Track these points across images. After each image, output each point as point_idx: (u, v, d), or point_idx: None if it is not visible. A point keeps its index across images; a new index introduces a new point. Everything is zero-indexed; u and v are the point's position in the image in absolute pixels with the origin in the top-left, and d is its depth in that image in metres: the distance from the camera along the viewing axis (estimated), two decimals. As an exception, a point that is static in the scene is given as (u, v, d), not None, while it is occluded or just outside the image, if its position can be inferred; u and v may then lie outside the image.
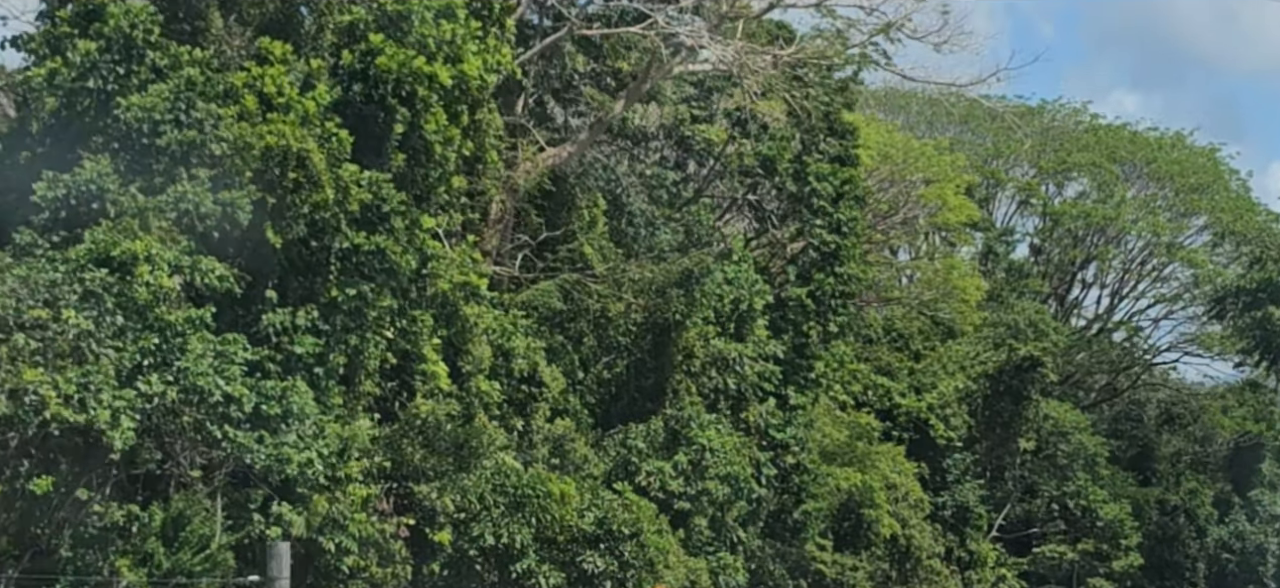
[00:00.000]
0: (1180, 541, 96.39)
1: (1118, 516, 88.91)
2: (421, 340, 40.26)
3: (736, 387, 54.29)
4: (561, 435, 46.24)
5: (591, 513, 41.51)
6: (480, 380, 42.27)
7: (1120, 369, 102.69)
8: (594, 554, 41.23)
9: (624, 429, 51.36)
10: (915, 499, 72.92)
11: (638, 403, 52.71)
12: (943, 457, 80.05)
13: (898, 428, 76.49)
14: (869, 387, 74.67)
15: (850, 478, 64.80)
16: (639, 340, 52.32)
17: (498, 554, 40.25)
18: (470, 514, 39.90)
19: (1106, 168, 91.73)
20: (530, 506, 40.39)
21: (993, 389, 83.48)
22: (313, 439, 34.62)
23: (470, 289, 41.77)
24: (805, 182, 58.26)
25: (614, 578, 41.56)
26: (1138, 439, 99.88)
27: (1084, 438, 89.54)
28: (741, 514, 53.46)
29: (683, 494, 50.50)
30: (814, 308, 58.13)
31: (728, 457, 51.40)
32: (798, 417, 57.30)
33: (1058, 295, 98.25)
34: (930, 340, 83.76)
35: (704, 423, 51.61)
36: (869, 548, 69.13)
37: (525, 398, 44.70)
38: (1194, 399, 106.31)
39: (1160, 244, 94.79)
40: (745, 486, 52.02)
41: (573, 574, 41.30)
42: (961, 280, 73.24)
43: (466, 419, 41.63)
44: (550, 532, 41.02)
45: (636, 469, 50.56)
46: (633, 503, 42.85)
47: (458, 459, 39.08)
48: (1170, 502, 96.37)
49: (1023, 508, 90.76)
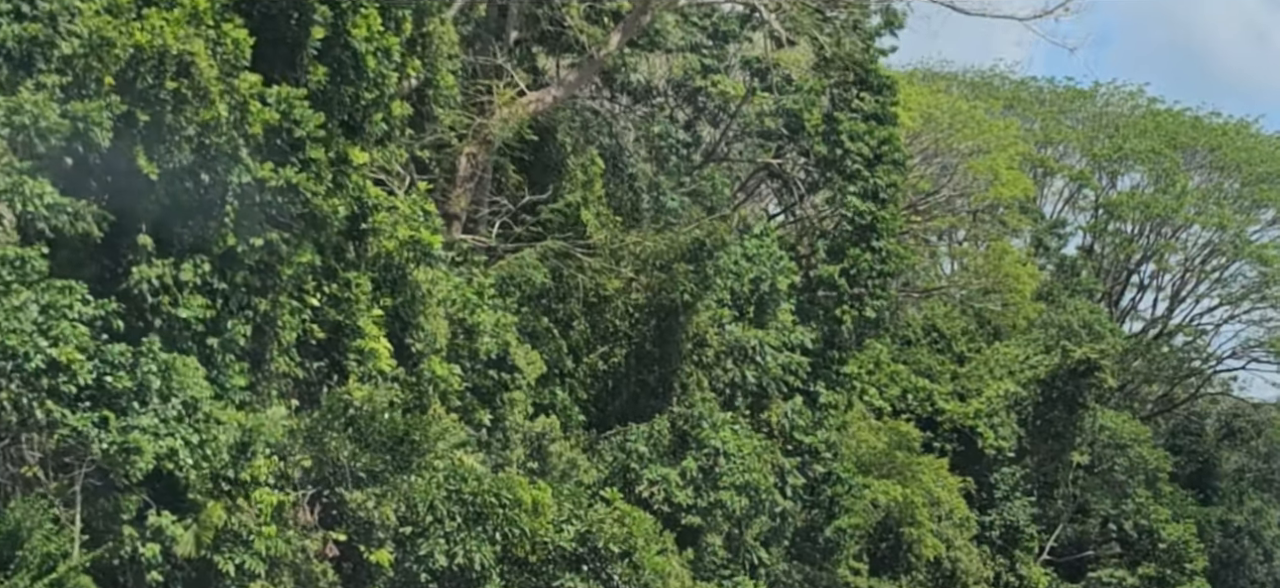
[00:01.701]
0: (1246, 565, 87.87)
1: (1182, 537, 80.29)
2: (357, 310, 32.09)
3: (756, 381, 45.96)
4: (541, 434, 37.93)
5: (572, 526, 33.24)
6: (434, 363, 34.08)
7: (1180, 378, 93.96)
8: (574, 578, 32.96)
9: (622, 430, 43.22)
10: (961, 518, 64.69)
11: (639, 399, 44.55)
12: (990, 470, 71.73)
13: (940, 438, 68.23)
14: (909, 390, 66.31)
15: (889, 492, 56.41)
16: (641, 325, 44.17)
17: (453, 578, 31.96)
18: (418, 528, 31.65)
19: (1167, 155, 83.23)
20: (494, 517, 32.13)
21: (1044, 396, 75.17)
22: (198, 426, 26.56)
23: (422, 249, 33.60)
24: (836, 142, 49.93)
25: (601, 611, 33.33)
26: (1198, 455, 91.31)
27: (1144, 451, 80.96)
28: (763, 531, 45.18)
29: (692, 507, 42.35)
30: (848, 289, 49.75)
31: (746, 463, 43.12)
32: (829, 418, 48.93)
33: (1110, 298, 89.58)
34: (975, 342, 75.37)
35: (718, 423, 43.39)
36: (909, 572, 60.88)
37: (493, 387, 36.42)
38: (1257, 412, 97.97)
39: (1226, 240, 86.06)
40: (767, 497, 43.74)
41: (549, 604, 33.09)
42: (1015, 268, 64.56)
43: (415, 410, 33.40)
44: (520, 550, 32.77)
45: (637, 477, 42.40)
46: (626, 515, 34.48)
47: (400, 458, 30.77)
48: (1234, 522, 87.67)
49: (1074, 529, 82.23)
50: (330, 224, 30.81)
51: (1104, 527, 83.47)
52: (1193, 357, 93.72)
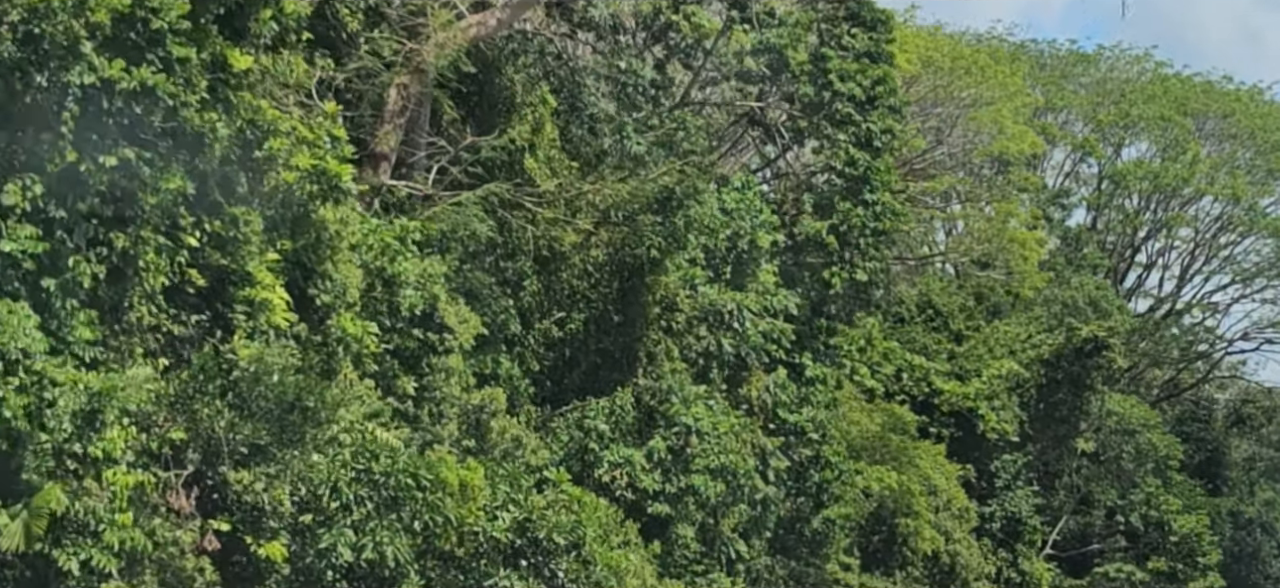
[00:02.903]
0: (1259, 559, 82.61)
1: (1194, 529, 74.86)
2: (247, 253, 26.41)
3: (734, 351, 40.45)
4: (479, 407, 32.27)
5: (508, 514, 27.59)
6: (345, 319, 28.41)
7: (1188, 361, 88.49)
8: (511, 576, 27.29)
9: (579, 406, 37.70)
10: (960, 508, 59.38)
11: (599, 370, 39.11)
12: (990, 457, 66.36)
13: (937, 422, 62.90)
14: (903, 369, 60.74)
15: (883, 479, 50.91)
16: (601, 286, 38.71)
17: (362, 576, 26.30)
18: (319, 516, 25.98)
19: (1177, 122, 77.63)
20: (412, 502, 26.49)
21: (1048, 378, 69.86)
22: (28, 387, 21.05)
23: (328, 182, 27.89)
24: (825, 84, 44.36)
25: (542, 614, 27.67)
26: (1206, 443, 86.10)
27: (1154, 437, 75.44)
28: (741, 522, 39.69)
29: (659, 494, 36.98)
30: (837, 248, 44.07)
31: (722, 443, 37.67)
32: (816, 394, 43.39)
33: (1115, 274, 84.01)
34: (974, 319, 70.03)
35: (689, 398, 37.94)
36: (905, 567, 55.47)
37: (419, 349, 30.73)
38: (1268, 397, 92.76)
39: (1238, 213, 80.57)
40: (746, 483, 38.27)
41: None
42: (1020, 234, 58.93)
43: (321, 374, 27.75)
44: (444, 541, 27.13)
45: (596, 459, 37.00)
46: (575, 500, 28.79)
47: (291, 430, 25.12)
48: (1245, 514, 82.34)
49: (1077, 521, 76.76)
50: (210, 146, 25.18)
51: (1109, 519, 78.14)
52: (1202, 338, 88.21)
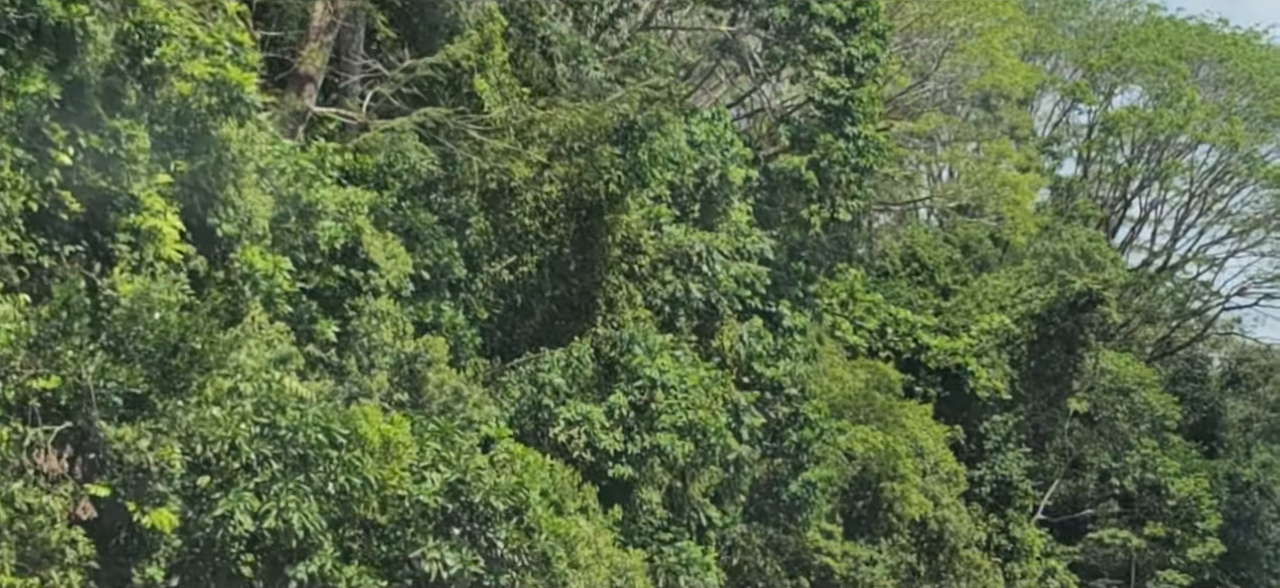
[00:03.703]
0: (1258, 524, 78.98)
1: (1193, 492, 71.33)
2: (132, 173, 22.62)
3: (703, 297, 36.71)
4: (413, 357, 28.49)
5: (438, 475, 23.79)
6: (252, 253, 24.62)
7: (1184, 317, 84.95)
8: (441, 545, 23.54)
9: (532, 357, 33.93)
10: (948, 471, 55.88)
11: (554, 319, 35.30)
12: (980, 418, 62.70)
13: (923, 381, 59.24)
14: (888, 324, 57.01)
15: (867, 439, 47.16)
16: (556, 225, 34.95)
17: (266, 548, 22.60)
18: (216, 478, 22.26)
19: (1171, 66, 73.86)
20: (325, 462, 22.79)
21: (1040, 333, 66.42)
22: None
23: (230, 94, 24.10)
24: (802, 6, 40.34)
25: (479, 586, 23.86)
26: (1201, 403, 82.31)
27: (1150, 396, 71.83)
28: (712, 485, 35.90)
29: (621, 454, 33.17)
30: (817, 185, 40.21)
31: (690, 398, 33.98)
32: (794, 345, 39.68)
33: (1107, 226, 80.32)
34: (961, 273, 66.39)
35: (654, 348, 34.21)
36: (890, 535, 51.82)
37: (341, 289, 26.94)
38: (1265, 355, 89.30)
39: (1236, 161, 76.95)
40: (717, 442, 34.53)
41: (405, 580, 23.61)
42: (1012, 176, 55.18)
43: (224, 316, 24.01)
44: (363, 507, 23.39)
45: (550, 417, 33.20)
46: (517, 459, 25.00)
47: (174, 377, 21.37)
48: (1242, 477, 78.72)
49: (1068, 485, 73.19)
50: (83, 45, 21.43)
51: (1103, 483, 74.59)
52: (1197, 294, 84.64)
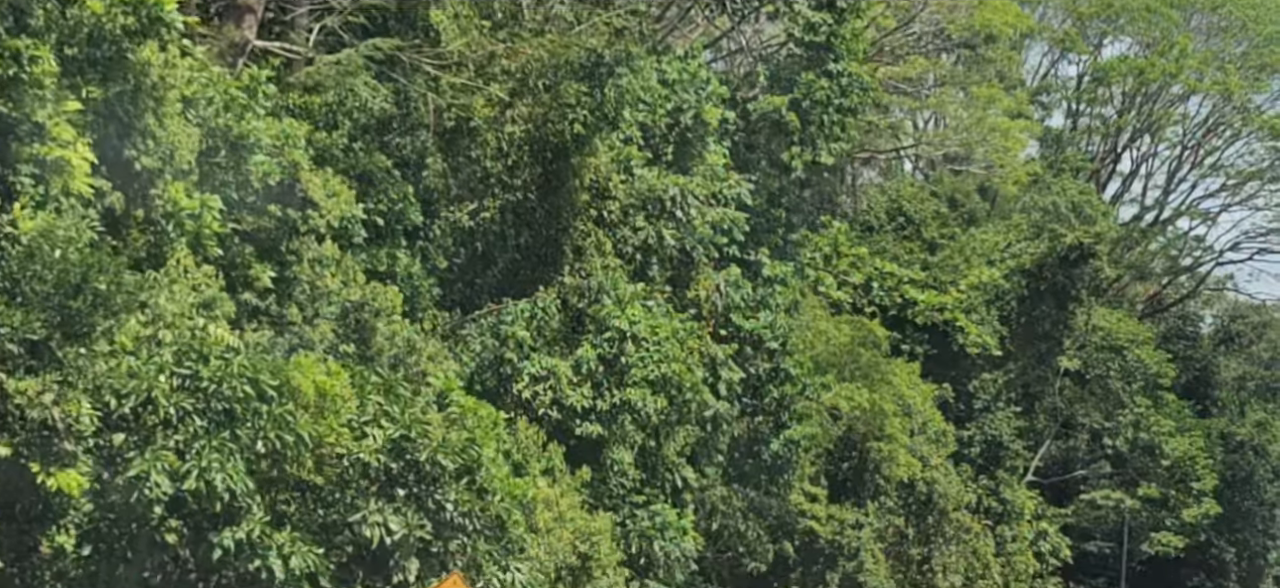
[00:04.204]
0: (1253, 484, 77.14)
1: (1188, 452, 69.31)
2: (33, 98, 20.33)
3: (678, 244, 34.45)
4: (361, 305, 26.24)
5: (381, 431, 21.50)
6: (175, 189, 22.33)
7: (1176, 273, 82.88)
8: (383, 508, 21.28)
9: (495, 309, 31.70)
10: (937, 431, 53.72)
11: (518, 268, 33.01)
12: (969, 377, 60.51)
13: (910, 339, 57.00)
14: (873, 279, 54.78)
15: (853, 397, 44.97)
16: (519, 168, 32.64)
17: (189, 513, 20.36)
18: (132, 435, 20.02)
19: (1163, 13, 71.58)
20: (253, 418, 20.51)
21: (1031, 289, 64.33)
22: None
23: (148, 14, 21.81)
24: (782, -63, 38.13)
25: (427, 552, 21.62)
26: (1194, 362, 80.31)
27: (1143, 354, 69.71)
28: (688, 443, 33.67)
29: (590, 411, 30.93)
30: (798, 127, 37.94)
31: (663, 351, 31.76)
32: (775, 295, 37.44)
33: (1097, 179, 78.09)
34: (948, 227, 64.14)
35: (624, 297, 31.93)
36: (877, 497, 49.69)
37: (278, 231, 24.67)
38: (1258, 313, 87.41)
39: (1230, 111, 74.74)
40: (693, 397, 32.39)
41: (344, 547, 21.38)
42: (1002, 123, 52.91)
43: (146, 258, 21.76)
44: (296, 467, 21.12)
45: (514, 372, 30.96)
46: (469, 413, 22.75)
47: (69, 323, 19.11)
48: (1236, 436, 76.82)
49: (1058, 446, 71.18)
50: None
51: (1093, 443, 72.60)
52: (1190, 249, 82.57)
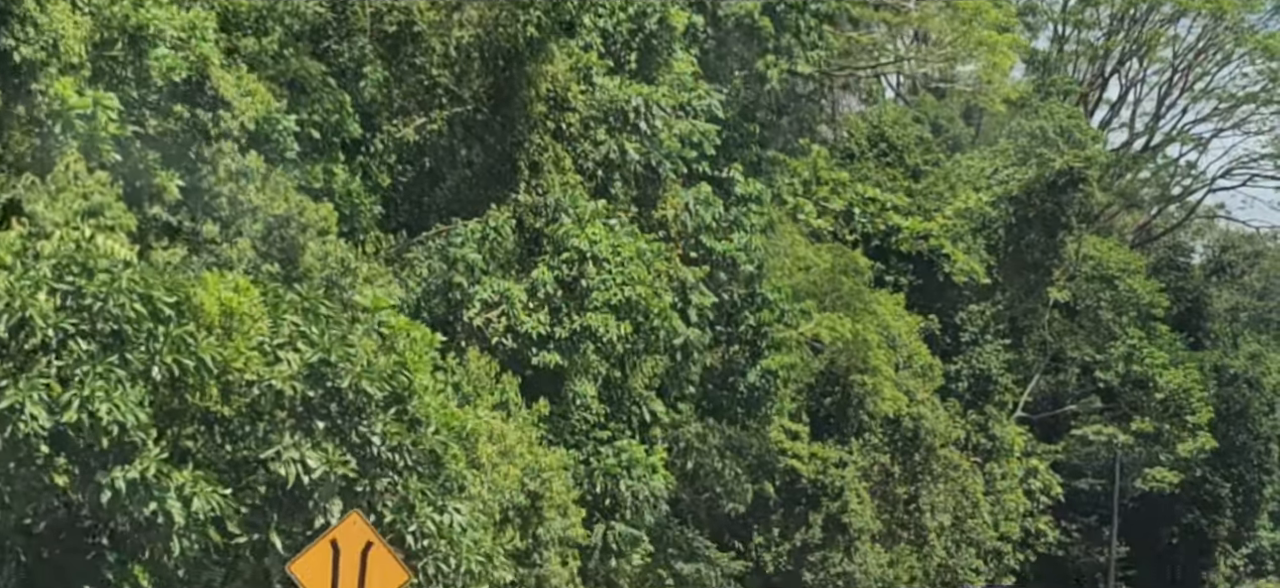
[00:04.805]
0: (1247, 417, 74.69)
1: (1182, 384, 66.88)
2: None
3: (643, 160, 31.72)
4: (286, 220, 23.55)
5: (298, 355, 18.81)
6: (62, 85, 19.58)
7: (1167, 201, 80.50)
8: (300, 442, 18.60)
9: (443, 230, 29.03)
10: (923, 365, 51.15)
11: (470, 186, 30.31)
12: (955, 308, 58.04)
13: (894, 269, 54.42)
14: (855, 205, 52.19)
15: (835, 327, 42.39)
16: (470, 77, 29.87)
17: (74, 449, 17.68)
18: (5, 362, 17.39)
19: (1153, -73, 68.99)
20: (147, 340, 17.81)
21: (1019, 216, 61.82)
22: None
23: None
24: None
25: (351, 492, 18.95)
26: (1185, 293, 77.77)
27: (1135, 284, 67.22)
28: (656, 374, 31.06)
29: (548, 339, 28.21)
30: (772, 33, 35.18)
31: (627, 273, 29.00)
32: (749, 216, 34.74)
33: (1085, 103, 75.45)
34: (932, 153, 61.46)
35: (585, 216, 29.18)
36: (861, 434, 47.23)
37: (186, 133, 21.94)
38: (1250, 242, 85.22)
39: (1222, 30, 72.14)
40: (661, 324, 29.66)
41: (256, 486, 18.71)
42: (990, 36, 50.20)
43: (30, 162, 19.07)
44: (199, 397, 18.44)
45: (464, 297, 28.28)
46: (399, 335, 20.06)
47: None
48: (1230, 369, 74.48)
49: (1047, 381, 68.76)
50: None
51: (1084, 377, 70.18)
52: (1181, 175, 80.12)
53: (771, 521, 44.35)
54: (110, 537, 18.31)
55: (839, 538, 45.32)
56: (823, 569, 44.99)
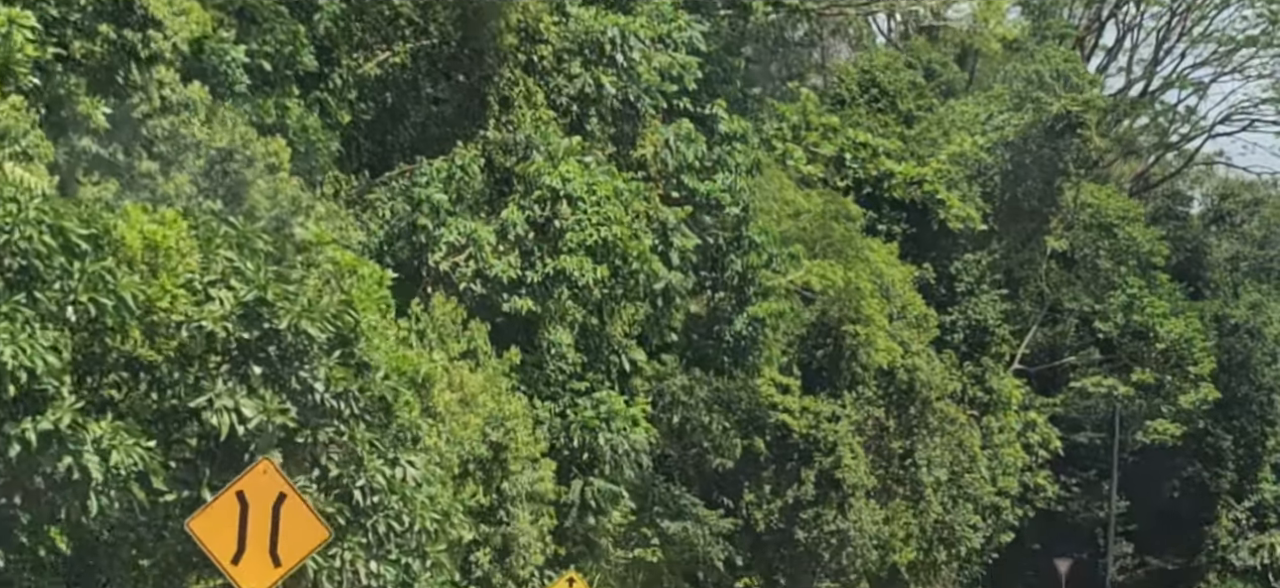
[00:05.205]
0: (1249, 367, 72.92)
1: (1184, 334, 65.13)
2: None
3: (620, 95, 29.84)
4: (228, 154, 21.72)
5: (231, 293, 16.98)
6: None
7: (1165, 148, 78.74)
8: (235, 390, 16.79)
9: (407, 169, 27.23)
10: (918, 315, 49.39)
11: (436, 123, 28.44)
12: (950, 257, 56.30)
13: (887, 218, 52.66)
14: (846, 150, 50.38)
15: (826, 274, 40.63)
16: (436, 7, 27.90)
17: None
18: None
19: None
20: (60, 277, 16.01)
21: (1015, 163, 59.81)
22: None
23: None
24: None
25: (290, 443, 17.17)
26: (1184, 242, 76.00)
27: (1135, 231, 65.47)
28: (636, 321, 29.27)
29: (519, 283, 26.45)
30: (757, -41, 33.41)
31: (604, 213, 27.18)
32: (734, 155, 32.87)
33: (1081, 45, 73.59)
34: (925, 98, 59.64)
35: (557, 153, 27.35)
36: (854, 387, 45.53)
37: (115, 56, 20.09)
38: (1249, 190, 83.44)
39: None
40: (641, 267, 27.82)
41: (186, 439, 16.93)
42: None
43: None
44: (120, 340, 16.66)
45: (430, 240, 26.46)
46: (345, 271, 18.25)
47: None
48: (1231, 318, 72.76)
49: (1044, 333, 67.10)
50: None
51: (1082, 328, 68.46)
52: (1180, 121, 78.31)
53: (762, 477, 42.62)
54: (22, 496, 16.52)
55: (832, 495, 43.56)
56: (816, 527, 43.25)
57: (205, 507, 13.74)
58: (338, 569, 16.94)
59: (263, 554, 12.73)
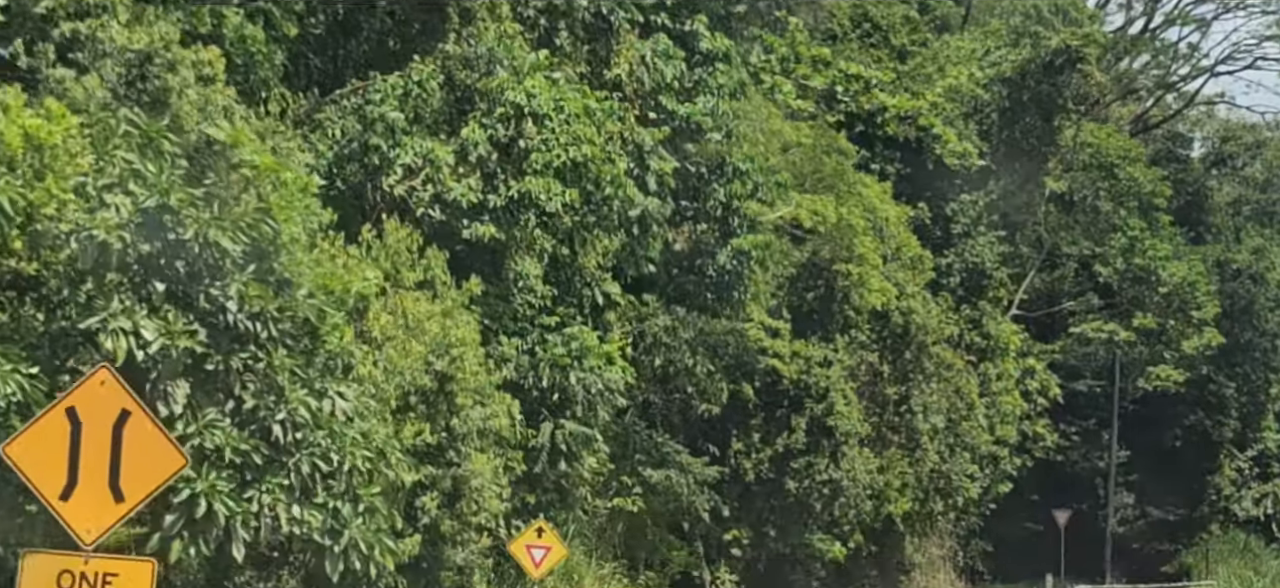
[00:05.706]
0: (1253, 313, 71.04)
1: (1187, 277, 63.11)
2: None
3: (592, 7, 27.48)
4: (147, 57, 19.43)
5: (129, 199, 14.70)
6: None
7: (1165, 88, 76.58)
8: (135, 312, 14.55)
9: (360, 86, 25.01)
10: (912, 256, 47.20)
11: (390, 37, 26.16)
12: (945, 198, 54.15)
13: (880, 156, 50.41)
14: (838, 83, 48.13)
15: (818, 209, 38.40)
16: (387, -89, 25.62)
17: None
18: None
19: None
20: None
21: (1012, 100, 57.70)
22: None
23: None
24: None
25: (200, 370, 14.91)
26: (1185, 185, 73.99)
27: (1136, 172, 63.38)
28: (611, 252, 27.04)
29: (481, 208, 24.23)
30: None
31: (574, 132, 24.91)
32: (716, 76, 30.56)
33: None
34: (919, 33, 57.49)
35: (523, 67, 25.07)
36: (847, 330, 43.39)
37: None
38: (1251, 132, 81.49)
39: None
40: (614, 192, 25.58)
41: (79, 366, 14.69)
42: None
43: None
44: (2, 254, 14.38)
45: (384, 162, 24.24)
46: (266, 175, 15.97)
47: None
48: (1234, 263, 70.79)
49: (1043, 278, 65.12)
50: None
51: (1082, 273, 66.46)
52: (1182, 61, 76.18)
53: (751, 425, 40.50)
54: (-114, 432, 14.29)
55: (824, 443, 41.40)
56: (807, 476, 41.11)
57: (25, 426, 11.22)
58: (254, 514, 14.75)
59: (100, 487, 10.31)
